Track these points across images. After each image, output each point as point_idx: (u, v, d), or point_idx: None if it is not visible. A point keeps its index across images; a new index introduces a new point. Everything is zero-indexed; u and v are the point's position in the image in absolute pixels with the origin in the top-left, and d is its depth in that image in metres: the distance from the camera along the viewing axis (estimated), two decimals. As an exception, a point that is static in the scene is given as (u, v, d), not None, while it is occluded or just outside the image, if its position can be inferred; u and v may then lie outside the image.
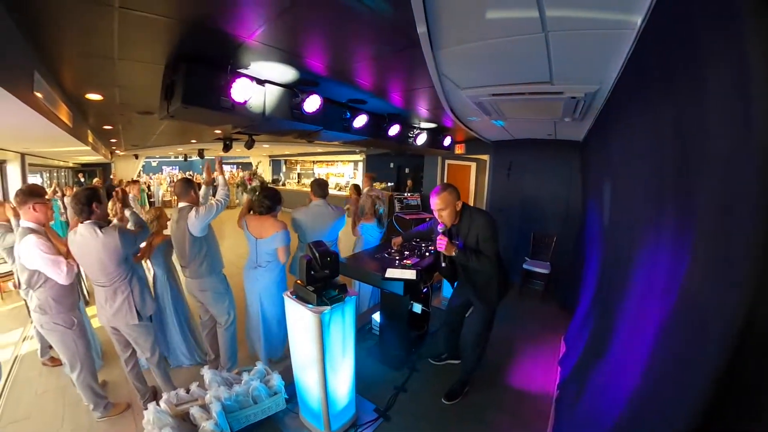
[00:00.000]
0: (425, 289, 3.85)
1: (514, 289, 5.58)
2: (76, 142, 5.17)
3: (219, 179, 3.24)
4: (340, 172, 16.39)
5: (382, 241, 4.52)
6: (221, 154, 9.12)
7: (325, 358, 2.35)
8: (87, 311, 2.87)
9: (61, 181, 13.74)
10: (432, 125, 5.43)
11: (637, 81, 2.05)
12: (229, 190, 3.26)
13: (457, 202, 2.70)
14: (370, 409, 2.92)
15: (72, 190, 7.21)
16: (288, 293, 2.51)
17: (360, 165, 14.45)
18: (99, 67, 2.74)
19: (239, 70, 2.71)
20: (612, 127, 2.89)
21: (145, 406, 2.53)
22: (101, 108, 4.29)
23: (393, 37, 2.11)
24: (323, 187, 3.78)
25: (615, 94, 2.55)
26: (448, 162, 8.24)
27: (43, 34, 2.10)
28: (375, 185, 11.80)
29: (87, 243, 2.48)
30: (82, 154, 8.86)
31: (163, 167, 23.97)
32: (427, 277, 3.42)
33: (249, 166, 20.00)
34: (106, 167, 15.46)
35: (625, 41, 1.80)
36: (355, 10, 1.78)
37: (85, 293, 4.92)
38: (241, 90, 2.65)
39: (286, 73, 2.85)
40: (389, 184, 12.46)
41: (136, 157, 14.74)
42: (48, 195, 4.74)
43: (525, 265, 5.57)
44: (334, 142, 6.77)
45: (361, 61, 2.60)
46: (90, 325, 3.35)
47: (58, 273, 2.49)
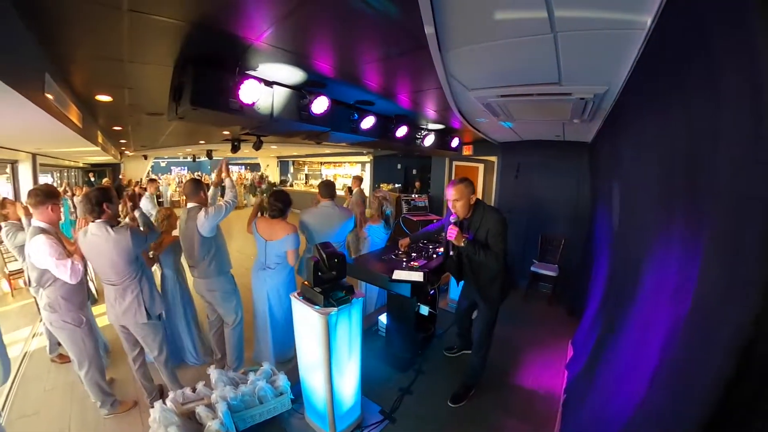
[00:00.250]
0: (432, 291, 3.84)
1: (521, 292, 5.55)
2: (86, 143, 5.24)
3: (226, 181, 3.27)
4: (348, 173, 16.44)
5: (388, 243, 4.52)
6: (229, 155, 9.18)
7: (332, 359, 2.35)
8: (93, 310, 2.89)
9: (71, 181, 13.93)
10: (440, 126, 5.41)
11: (646, 82, 2.02)
12: (236, 191, 3.28)
13: (471, 196, 2.79)
14: (375, 410, 2.91)
15: (82, 190, 7.30)
16: (295, 294, 2.52)
17: (367, 166, 14.49)
18: (109, 68, 2.77)
19: (247, 72, 2.72)
20: (621, 128, 2.86)
21: (152, 404, 2.55)
22: (111, 109, 4.33)
23: (401, 38, 2.11)
24: (331, 189, 3.78)
25: (624, 95, 2.52)
26: (456, 163, 8.21)
27: (54, 36, 2.13)
28: (383, 186, 11.85)
29: (98, 242, 2.51)
30: (92, 154, 8.97)
31: (172, 168, 24.15)
32: (435, 279, 3.41)
33: (257, 167, 20.18)
34: (115, 167, 15.62)
35: (634, 41, 1.78)
36: (363, 12, 1.78)
37: (93, 292, 4.98)
38: (249, 91, 2.66)
39: (294, 74, 2.85)
40: (396, 186, 12.44)
41: (145, 157, 14.88)
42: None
43: (533, 268, 5.53)
44: (341, 144, 6.78)
45: (369, 62, 2.60)
46: (96, 323, 3.39)
47: (64, 273, 2.52)
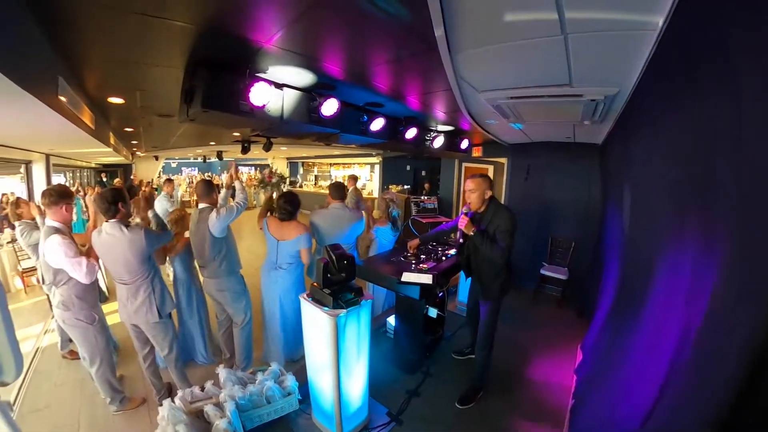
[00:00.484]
0: (441, 294, 3.83)
1: (530, 294, 5.52)
2: (98, 144, 5.32)
3: (236, 184, 3.31)
4: (357, 174, 16.42)
5: (397, 245, 4.51)
6: (239, 156, 9.24)
7: (340, 360, 2.35)
8: (103, 308, 2.94)
9: (84, 181, 14.14)
10: (449, 128, 5.40)
11: (658, 83, 2.00)
12: (247, 193, 3.31)
13: (486, 191, 2.89)
14: (382, 412, 2.91)
15: (93, 190, 7.44)
16: (304, 295, 2.53)
17: (376, 168, 14.51)
18: (121, 71, 2.81)
19: (258, 75, 2.74)
20: (632, 130, 2.83)
21: (160, 402, 2.58)
22: (123, 111, 4.40)
23: (410, 40, 2.10)
24: (341, 190, 3.79)
25: (636, 96, 2.50)
26: (466, 165, 8.17)
27: (68, 40, 2.17)
28: (391, 188, 11.85)
29: (113, 241, 2.55)
30: (104, 155, 9.10)
31: (183, 168, 24.40)
32: (443, 282, 3.41)
33: (266, 168, 20.34)
34: (127, 168, 15.82)
35: (645, 42, 1.76)
36: (373, 15, 1.78)
37: (104, 290, 5.05)
38: (259, 94, 2.68)
39: (303, 76, 2.87)
40: (405, 187, 12.42)
41: (156, 158, 15.04)
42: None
43: (542, 270, 5.47)
44: (350, 145, 6.80)
45: (379, 64, 2.61)
46: (106, 321, 3.43)
47: (79, 272, 2.56)
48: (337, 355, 2.33)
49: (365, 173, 16.14)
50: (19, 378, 2.87)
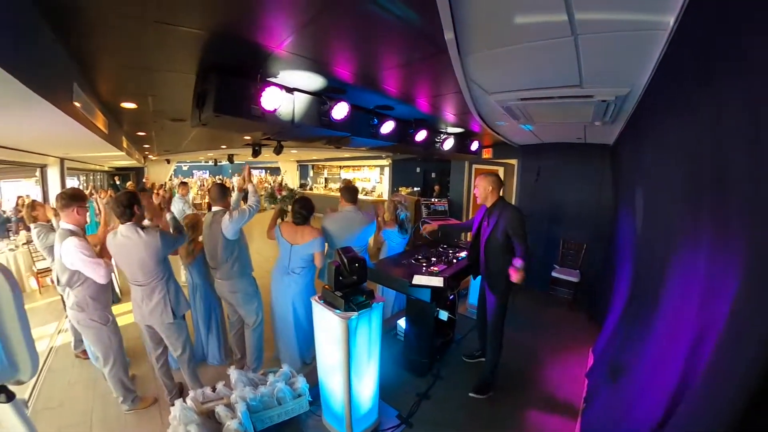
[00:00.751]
0: (452, 297, 3.82)
1: (541, 297, 5.47)
2: (111, 148, 5.41)
3: (249, 187, 3.34)
4: (367, 176, 16.52)
5: (407, 248, 4.50)
6: (250, 160, 9.31)
7: (351, 363, 2.36)
8: (114, 310, 2.98)
9: (97, 184, 14.35)
10: (459, 130, 5.39)
11: (670, 82, 1.98)
12: (259, 196, 3.34)
13: (489, 187, 3.04)
14: (392, 415, 2.91)
15: (107, 193, 7.59)
16: (316, 298, 2.54)
17: (386, 170, 14.52)
18: (134, 77, 2.88)
19: (269, 79, 2.77)
20: (644, 130, 2.80)
21: (172, 401, 2.60)
22: (135, 116, 4.48)
23: (420, 43, 2.12)
24: (353, 193, 3.79)
25: (647, 96, 2.48)
26: (476, 166, 8.14)
27: (82, 48, 2.23)
28: (401, 190, 11.85)
29: (129, 243, 2.60)
30: (117, 158, 9.26)
31: (194, 171, 24.67)
32: (454, 284, 3.40)
33: (277, 170, 20.47)
34: (139, 171, 16.03)
35: (656, 42, 1.75)
36: (382, 19, 1.80)
37: (117, 292, 5.13)
38: (270, 98, 2.71)
39: (314, 81, 2.90)
40: (415, 189, 12.40)
41: (168, 161, 15.24)
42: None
43: (553, 273, 5.44)
44: (361, 148, 6.82)
45: (389, 68, 2.62)
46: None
47: (97, 273, 2.60)
48: (348, 358, 2.34)
49: (375, 176, 16.17)
50: (34, 376, 2.94)
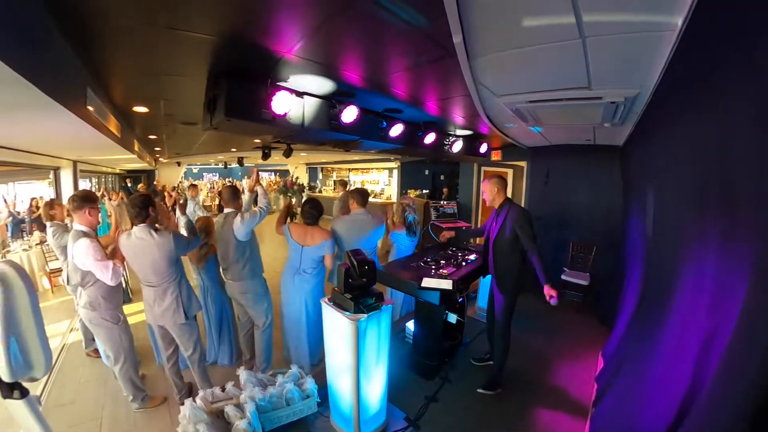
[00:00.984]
0: (461, 299, 3.82)
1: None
2: (123, 151, 5.50)
3: (258, 189, 3.38)
4: (375, 179, 16.56)
5: (416, 251, 4.50)
6: (260, 162, 9.41)
7: (360, 364, 2.37)
8: (124, 309, 3.04)
9: (108, 186, 14.55)
10: (468, 132, 5.39)
11: (679, 83, 1.97)
12: (269, 198, 3.38)
13: (494, 188, 3.15)
14: (400, 417, 2.91)
15: (118, 195, 7.73)
16: (325, 299, 2.56)
17: (395, 172, 14.55)
18: (146, 82, 2.93)
19: (279, 83, 2.80)
20: (654, 131, 2.78)
21: (182, 401, 2.63)
22: (147, 119, 4.55)
23: (429, 47, 2.13)
24: (364, 196, 3.81)
25: (657, 97, 2.46)
26: (485, 169, 8.11)
27: (95, 54, 2.28)
28: (410, 192, 11.89)
29: (142, 244, 2.64)
30: (129, 161, 9.38)
31: (204, 174, 24.88)
32: (463, 287, 3.40)
33: (286, 173, 20.82)
34: (150, 173, 16.21)
35: (665, 43, 1.74)
36: (391, 23, 1.81)
37: (128, 292, 5.20)
38: (281, 102, 2.74)
39: (324, 85, 2.92)
40: (424, 192, 12.38)
41: (179, 164, 15.40)
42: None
43: (563, 276, 5.38)
44: (370, 150, 6.85)
45: (398, 71, 2.64)
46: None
47: (106, 275, 2.64)
48: (357, 359, 2.35)
49: (384, 178, 16.18)
50: (47, 374, 3.00)
